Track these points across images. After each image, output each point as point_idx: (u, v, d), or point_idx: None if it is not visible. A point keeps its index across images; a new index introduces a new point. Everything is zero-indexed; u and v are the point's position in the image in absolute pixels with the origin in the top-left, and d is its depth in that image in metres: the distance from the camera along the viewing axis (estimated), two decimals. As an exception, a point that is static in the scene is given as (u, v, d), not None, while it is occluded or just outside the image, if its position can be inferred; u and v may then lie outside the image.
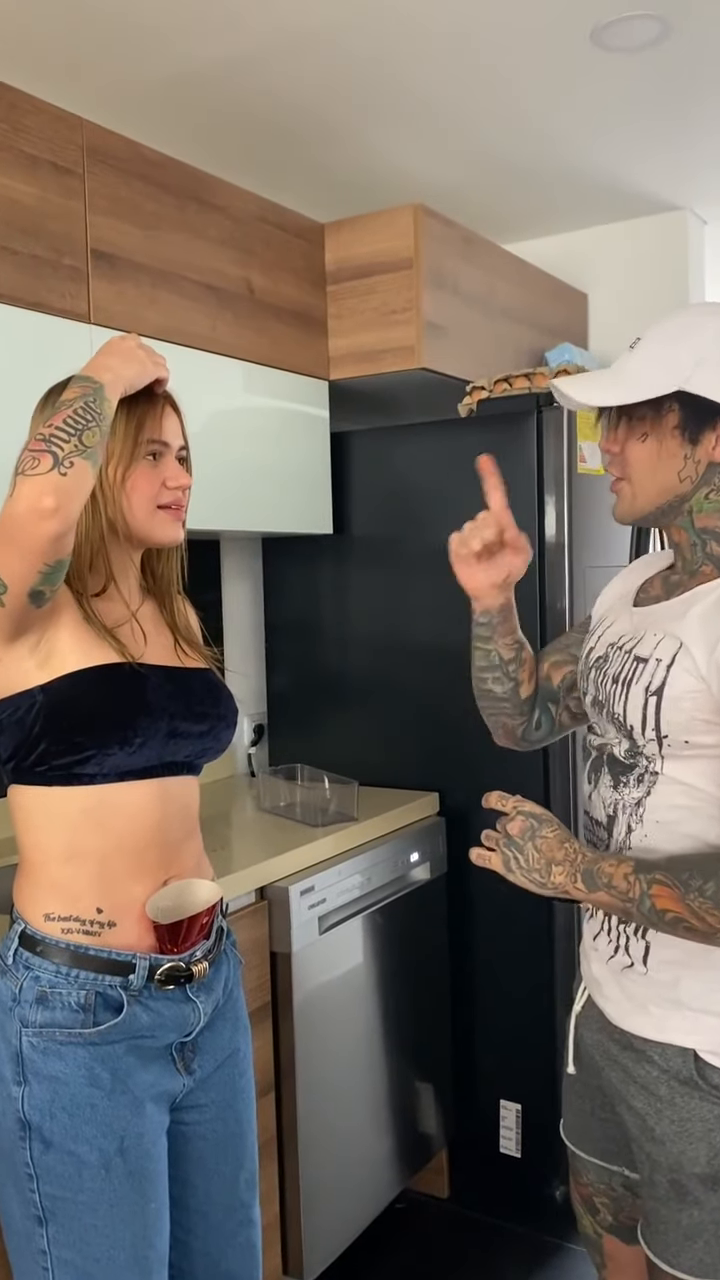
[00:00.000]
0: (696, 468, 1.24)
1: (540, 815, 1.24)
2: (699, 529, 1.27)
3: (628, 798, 1.28)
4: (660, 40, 2.01)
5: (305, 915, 2.02)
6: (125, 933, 1.32)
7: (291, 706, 2.77)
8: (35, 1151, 1.28)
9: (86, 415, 1.20)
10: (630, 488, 1.28)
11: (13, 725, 1.29)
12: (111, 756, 1.29)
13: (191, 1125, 1.42)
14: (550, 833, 1.23)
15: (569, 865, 1.20)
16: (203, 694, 1.42)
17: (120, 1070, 1.30)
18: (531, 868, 1.22)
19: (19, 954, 1.31)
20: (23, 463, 1.17)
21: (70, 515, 1.17)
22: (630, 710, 1.25)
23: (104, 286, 1.95)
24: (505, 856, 1.24)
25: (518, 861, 1.23)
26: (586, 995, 1.38)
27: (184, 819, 1.39)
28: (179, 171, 2.12)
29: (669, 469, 1.24)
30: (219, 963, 1.42)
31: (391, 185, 2.65)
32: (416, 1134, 2.39)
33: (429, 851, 2.40)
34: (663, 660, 1.23)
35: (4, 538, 1.18)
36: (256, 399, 2.32)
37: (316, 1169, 2.06)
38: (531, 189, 2.76)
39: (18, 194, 1.79)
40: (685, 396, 1.21)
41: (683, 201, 2.93)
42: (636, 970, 1.27)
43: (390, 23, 1.91)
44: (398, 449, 2.56)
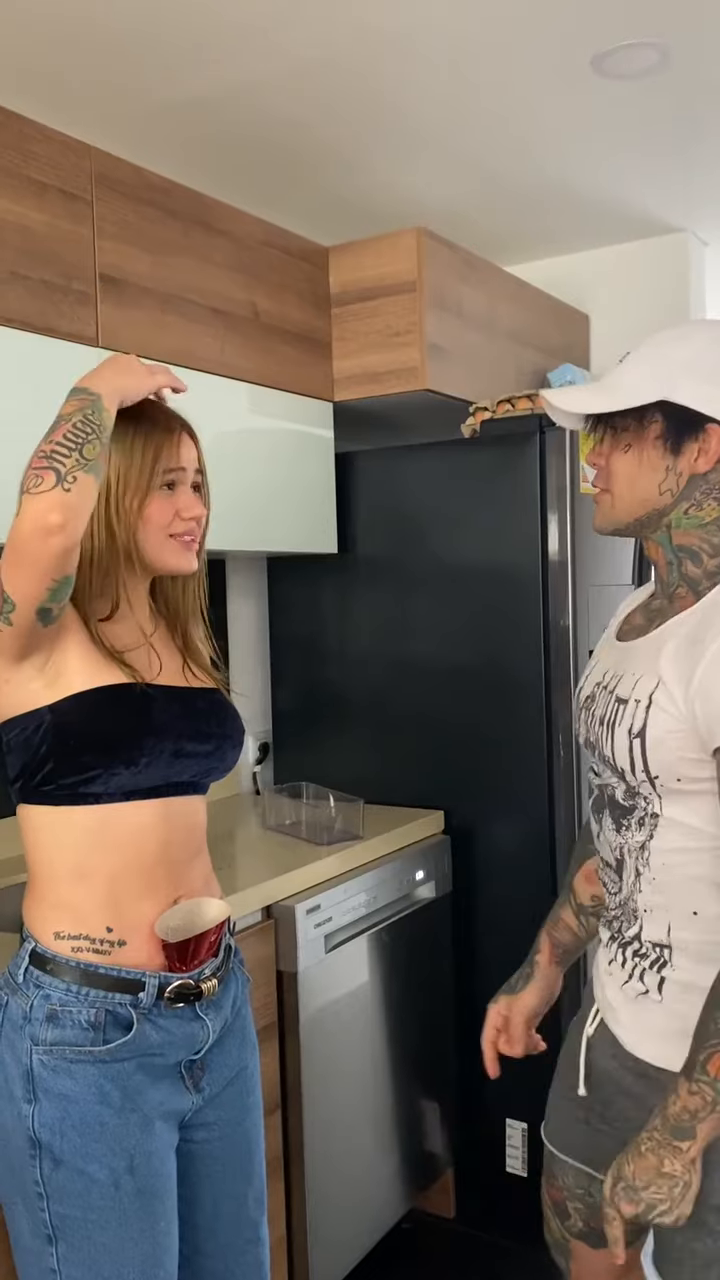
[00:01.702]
0: (678, 480, 1.23)
1: (609, 1179, 1.18)
2: (676, 546, 1.26)
3: (631, 841, 1.27)
4: (660, 68, 2.04)
5: (311, 934, 2.02)
6: (135, 951, 1.32)
7: (297, 724, 2.78)
8: (45, 1169, 1.28)
9: (86, 428, 1.20)
10: (610, 498, 1.28)
11: (20, 745, 1.30)
12: (117, 776, 1.30)
13: (200, 1143, 1.42)
14: (627, 1165, 1.16)
15: (657, 1146, 1.15)
16: (208, 714, 1.42)
17: (130, 1089, 1.30)
18: (653, 1188, 1.15)
19: (29, 972, 1.32)
20: (26, 481, 1.18)
21: (76, 530, 1.18)
22: (618, 754, 1.24)
23: (112, 311, 1.97)
24: (640, 1204, 1.15)
25: (647, 1202, 1.15)
26: (599, 1019, 1.37)
27: (191, 838, 1.40)
28: (185, 197, 2.15)
29: (650, 480, 1.24)
30: (227, 981, 1.43)
31: (395, 209, 2.68)
32: (422, 1153, 2.38)
33: (434, 870, 2.41)
34: (641, 701, 1.21)
35: (11, 556, 1.19)
36: (262, 420, 2.34)
37: (323, 1188, 2.05)
38: (533, 212, 2.79)
39: (27, 220, 1.82)
40: (669, 407, 1.21)
41: (683, 224, 2.96)
42: (651, 998, 1.27)
43: (394, 50, 1.94)
44: (402, 469, 2.58)
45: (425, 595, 2.54)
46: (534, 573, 2.38)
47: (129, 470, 1.32)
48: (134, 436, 1.33)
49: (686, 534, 1.25)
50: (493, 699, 2.44)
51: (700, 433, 1.21)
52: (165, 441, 1.35)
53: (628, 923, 1.30)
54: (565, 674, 2.35)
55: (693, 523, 1.25)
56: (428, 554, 2.53)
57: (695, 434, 1.21)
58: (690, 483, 1.23)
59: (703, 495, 1.24)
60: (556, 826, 2.36)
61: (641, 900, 1.27)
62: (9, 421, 1.77)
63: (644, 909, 1.27)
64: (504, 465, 2.42)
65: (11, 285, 1.79)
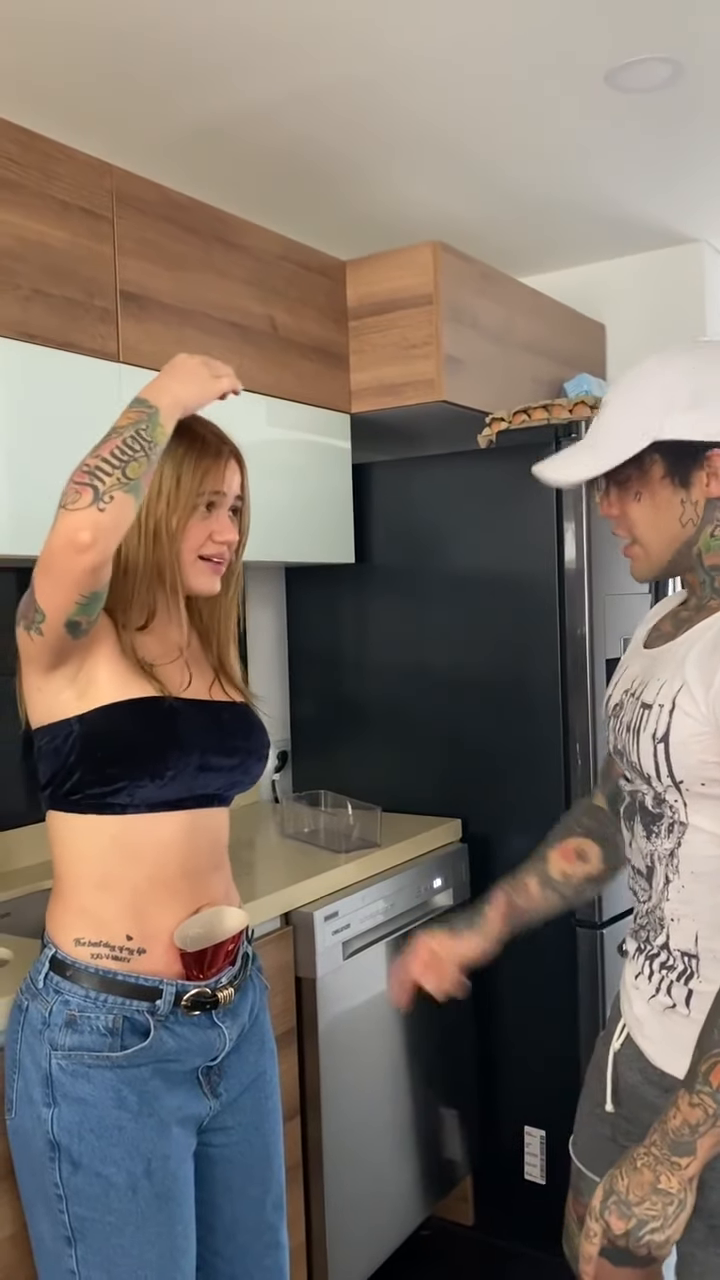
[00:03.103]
0: (695, 509, 1.24)
1: (600, 1192, 1.15)
2: (708, 567, 1.27)
3: (661, 849, 1.27)
4: (672, 81, 2.06)
5: (329, 941, 2.04)
6: (154, 959, 1.34)
7: (314, 733, 2.80)
8: (64, 1172, 1.30)
9: (135, 445, 1.20)
10: (640, 549, 1.28)
11: (50, 753, 1.33)
12: (143, 788, 1.31)
13: (219, 1148, 1.43)
14: (620, 1179, 1.13)
15: (654, 1161, 1.11)
16: (234, 728, 1.43)
17: (147, 1093, 1.32)
18: (647, 1204, 1.11)
19: (49, 978, 1.34)
20: (65, 495, 1.19)
21: (106, 549, 1.18)
22: (644, 759, 1.24)
23: (133, 326, 2.00)
24: (631, 1220, 1.11)
25: (639, 1219, 1.11)
26: (626, 1033, 1.36)
27: (213, 850, 1.41)
28: (204, 214, 2.18)
29: (670, 518, 1.25)
30: (245, 989, 1.44)
31: (411, 222, 2.70)
32: (441, 1160, 2.39)
33: (452, 877, 2.42)
34: (665, 706, 1.22)
35: (43, 568, 1.21)
36: (281, 432, 2.37)
37: (342, 1195, 2.07)
38: (549, 223, 2.81)
39: (50, 239, 1.85)
40: (663, 445, 1.21)
41: (698, 234, 2.97)
42: (679, 1012, 1.26)
43: (411, 69, 1.97)
44: (418, 480, 2.60)
45: (442, 604, 2.56)
46: (550, 582, 2.40)
47: (175, 489, 1.33)
48: (185, 455, 1.33)
49: (715, 555, 1.26)
50: (510, 707, 2.45)
51: (703, 459, 1.22)
52: (214, 465, 1.35)
53: (655, 931, 1.29)
54: (582, 683, 2.36)
55: (718, 542, 1.26)
56: (444, 564, 2.55)
57: (698, 461, 1.22)
58: (708, 506, 1.24)
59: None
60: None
61: (669, 908, 1.27)
62: (32, 436, 1.81)
63: (671, 917, 1.27)
64: (520, 475, 2.42)
65: (34, 302, 1.82)
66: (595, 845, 1.48)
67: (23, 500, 1.79)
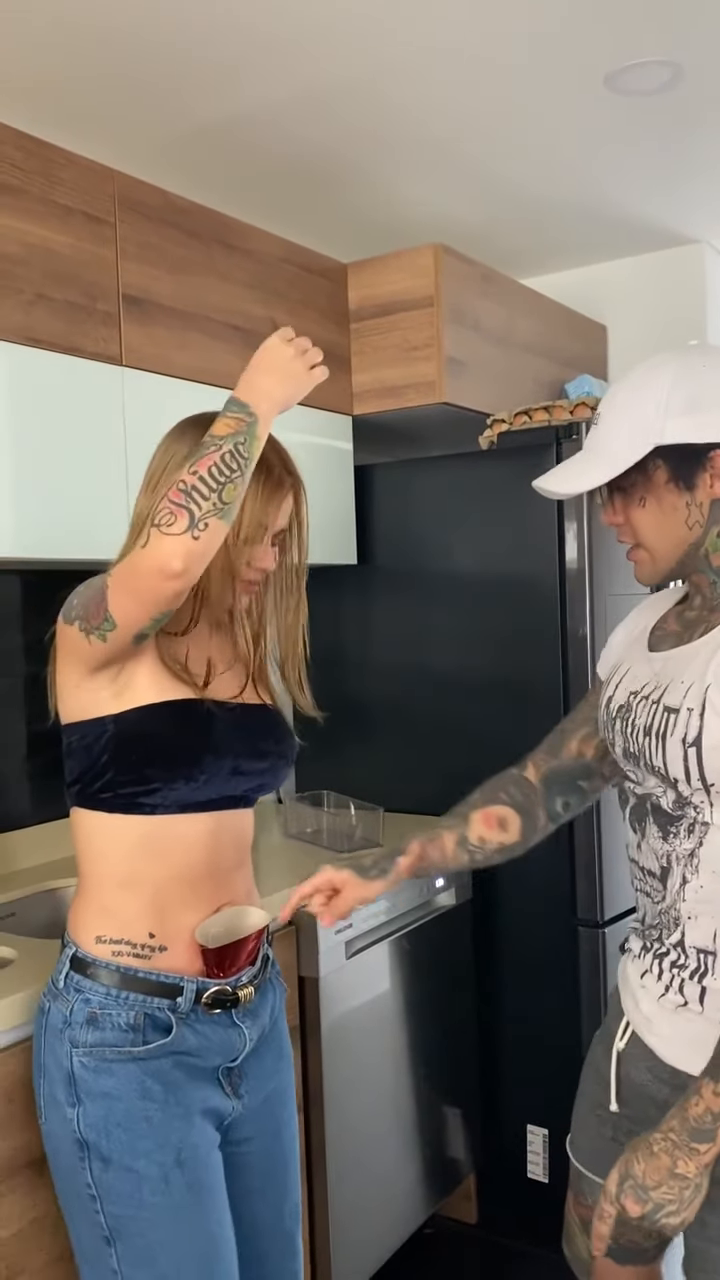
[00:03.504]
0: (700, 510, 1.25)
1: (612, 1172, 1.17)
2: (717, 568, 1.27)
3: (680, 849, 1.27)
4: (672, 84, 2.07)
5: (332, 940, 2.05)
6: (175, 957, 1.34)
7: (317, 733, 2.79)
8: (95, 1171, 1.29)
9: (233, 464, 1.17)
10: (647, 553, 1.29)
11: (81, 750, 1.32)
12: (176, 790, 1.32)
13: (240, 1157, 1.42)
14: (636, 1163, 1.15)
15: (672, 1147, 1.13)
16: (265, 732, 1.44)
17: (171, 1082, 1.31)
18: (664, 1188, 1.13)
19: (70, 977, 1.33)
20: (159, 514, 1.15)
21: (195, 576, 1.17)
22: (671, 763, 1.23)
23: (135, 330, 2.01)
24: (648, 1204, 1.13)
25: (656, 1202, 1.13)
26: (631, 1032, 1.35)
27: (237, 849, 1.42)
28: (206, 217, 2.19)
29: (676, 522, 1.26)
30: (264, 989, 1.43)
31: (412, 224, 2.71)
32: (444, 1159, 2.40)
33: (454, 877, 2.43)
34: (694, 709, 1.21)
35: (125, 583, 1.19)
36: (282, 434, 2.35)
37: (345, 1193, 2.08)
38: (550, 225, 2.82)
39: (53, 243, 1.87)
40: (666, 449, 1.22)
41: (699, 235, 2.98)
42: (691, 1009, 1.26)
43: (412, 71, 1.98)
44: (420, 481, 2.61)
45: (444, 605, 2.57)
46: (552, 583, 2.40)
47: (247, 518, 1.31)
48: (260, 484, 1.31)
49: None
50: (511, 708, 2.46)
51: (705, 461, 1.23)
52: (278, 501, 1.35)
53: (668, 930, 1.30)
54: (583, 683, 2.37)
55: None
56: (446, 565, 2.56)
57: (701, 464, 1.23)
58: (713, 507, 1.25)
59: None
60: (575, 833, 2.38)
61: (686, 908, 1.27)
62: (36, 439, 1.82)
63: (688, 915, 1.27)
64: (521, 476, 2.43)
65: (38, 307, 1.83)
66: (517, 817, 1.48)
67: (27, 503, 1.80)
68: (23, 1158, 1.46)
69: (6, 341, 1.78)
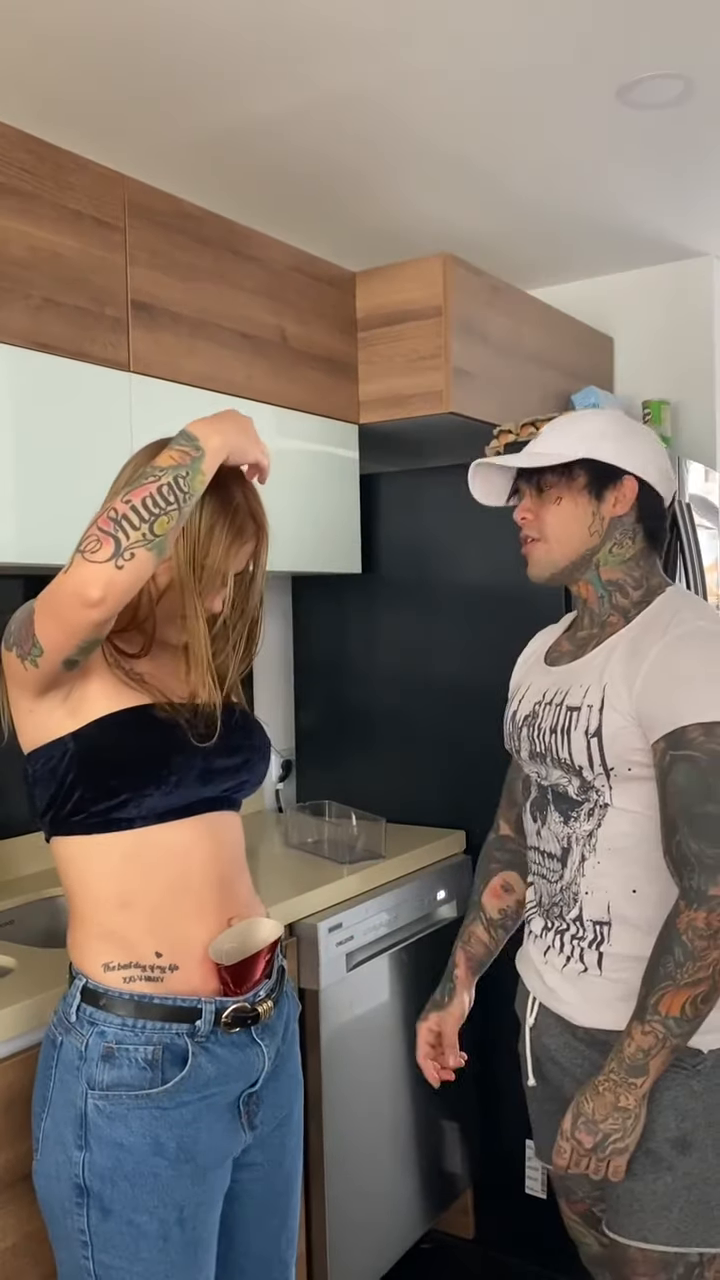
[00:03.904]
0: (601, 523, 1.45)
1: (569, 1116, 1.35)
2: (605, 581, 1.48)
3: (580, 830, 1.44)
4: (684, 98, 2.07)
5: (333, 952, 2.04)
6: (188, 976, 1.30)
7: (319, 743, 2.80)
8: (93, 1219, 1.25)
9: (170, 496, 1.15)
10: (545, 545, 1.48)
11: (45, 775, 1.29)
12: (148, 798, 1.28)
13: (242, 1183, 1.40)
14: (586, 1102, 1.33)
15: (614, 1085, 1.31)
16: (234, 727, 1.40)
17: (186, 1139, 1.27)
18: (610, 1120, 1.31)
19: (82, 1010, 1.29)
20: (86, 539, 1.14)
21: (115, 607, 1.15)
22: (576, 753, 1.42)
23: (143, 336, 2.01)
24: (599, 1133, 1.32)
25: (604, 1132, 1.32)
26: (538, 1006, 1.52)
27: (230, 855, 1.38)
28: (216, 224, 2.19)
29: (580, 525, 1.46)
30: (280, 1003, 1.40)
31: (421, 235, 2.71)
32: (442, 1173, 2.38)
33: (455, 889, 2.42)
34: (594, 706, 1.41)
35: (48, 608, 1.17)
36: (289, 442, 2.38)
37: (343, 1207, 2.06)
38: (558, 237, 2.82)
39: (62, 248, 1.86)
40: (591, 463, 1.43)
41: (707, 248, 2.98)
42: (592, 974, 1.43)
43: (423, 83, 1.98)
44: (425, 491, 2.60)
45: (448, 615, 2.56)
46: (556, 594, 2.39)
47: (208, 567, 1.29)
48: (224, 530, 1.30)
49: (612, 570, 1.47)
50: (515, 720, 2.45)
51: (618, 482, 1.44)
52: (238, 548, 1.34)
53: (568, 907, 1.46)
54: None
55: (616, 559, 1.47)
56: (451, 575, 2.55)
57: (615, 483, 1.44)
58: (611, 524, 1.46)
59: (622, 535, 1.46)
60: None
61: (585, 883, 1.44)
62: (43, 444, 1.81)
63: (585, 891, 1.44)
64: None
65: (46, 311, 1.83)
66: (515, 874, 1.67)
67: (33, 509, 1.79)
68: (17, 1171, 1.45)
69: (14, 346, 1.77)
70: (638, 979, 1.36)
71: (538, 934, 1.53)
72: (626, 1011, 1.36)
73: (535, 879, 1.55)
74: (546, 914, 1.51)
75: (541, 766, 1.50)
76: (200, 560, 1.29)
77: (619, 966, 1.40)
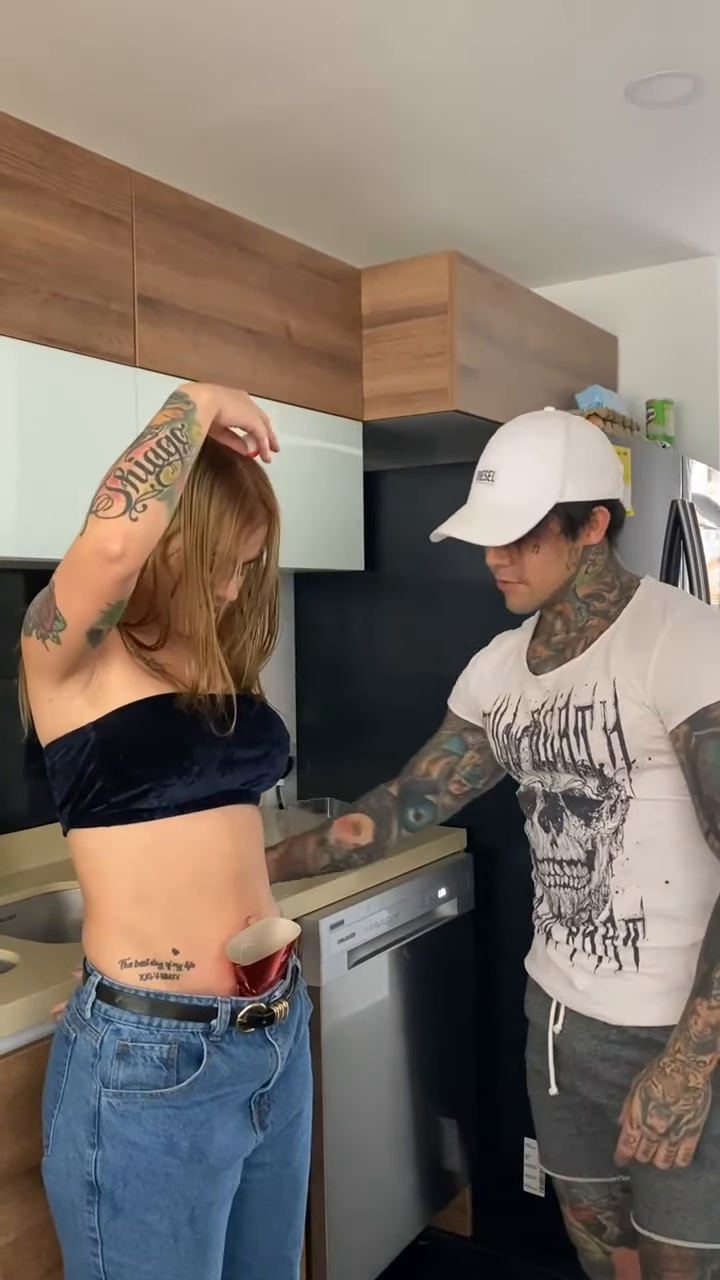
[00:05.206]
0: (575, 553, 1.46)
1: (633, 1100, 1.34)
2: (582, 597, 1.49)
3: (604, 829, 1.43)
4: (692, 97, 2.07)
5: (335, 949, 2.04)
6: (204, 974, 1.29)
7: (321, 740, 2.80)
8: (103, 1217, 1.24)
9: (170, 447, 1.16)
10: (528, 589, 1.48)
11: (65, 767, 1.28)
12: (170, 788, 1.27)
13: (251, 1183, 1.39)
14: (654, 1086, 1.32)
15: (682, 1065, 1.30)
16: (254, 720, 1.39)
17: (199, 1139, 1.27)
18: (681, 1101, 1.31)
19: (97, 1007, 1.28)
20: (97, 500, 1.14)
21: (137, 560, 1.14)
22: (595, 751, 1.41)
23: (149, 331, 2.01)
24: (672, 1116, 1.31)
25: (677, 1114, 1.31)
26: (564, 1012, 1.49)
27: (249, 849, 1.36)
28: (223, 220, 2.18)
29: (559, 565, 1.46)
30: (294, 1003, 1.39)
31: (427, 232, 2.71)
32: (440, 1171, 2.39)
33: (457, 887, 2.42)
34: (606, 701, 1.41)
35: (69, 576, 1.17)
36: (293, 439, 2.37)
37: (341, 1203, 2.06)
38: (564, 235, 2.82)
39: (69, 242, 1.86)
40: (560, 505, 1.42)
41: (712, 248, 2.98)
42: (628, 972, 1.41)
43: (430, 81, 1.98)
44: (429, 488, 2.60)
45: (450, 613, 2.56)
46: (560, 593, 2.40)
47: (219, 550, 1.29)
48: (235, 514, 1.30)
49: (588, 586, 1.49)
50: (517, 718, 2.45)
51: (589, 515, 1.44)
52: (254, 531, 1.33)
53: (597, 910, 1.44)
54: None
55: (590, 576, 1.48)
56: (453, 572, 2.55)
57: (586, 518, 1.44)
58: (584, 550, 1.47)
59: (595, 554, 1.48)
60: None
61: (614, 882, 1.42)
62: (48, 438, 1.81)
63: (616, 890, 1.43)
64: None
65: (52, 306, 1.82)
66: (371, 822, 1.68)
67: (38, 502, 1.79)
68: (21, 1166, 1.45)
69: (20, 340, 1.77)
70: (678, 972, 1.37)
71: (560, 941, 1.50)
72: (669, 1006, 1.36)
73: (554, 890, 1.51)
74: (570, 921, 1.49)
75: (547, 774, 1.49)
76: (211, 547, 1.29)
77: (657, 961, 1.40)
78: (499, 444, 1.49)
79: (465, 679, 1.72)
